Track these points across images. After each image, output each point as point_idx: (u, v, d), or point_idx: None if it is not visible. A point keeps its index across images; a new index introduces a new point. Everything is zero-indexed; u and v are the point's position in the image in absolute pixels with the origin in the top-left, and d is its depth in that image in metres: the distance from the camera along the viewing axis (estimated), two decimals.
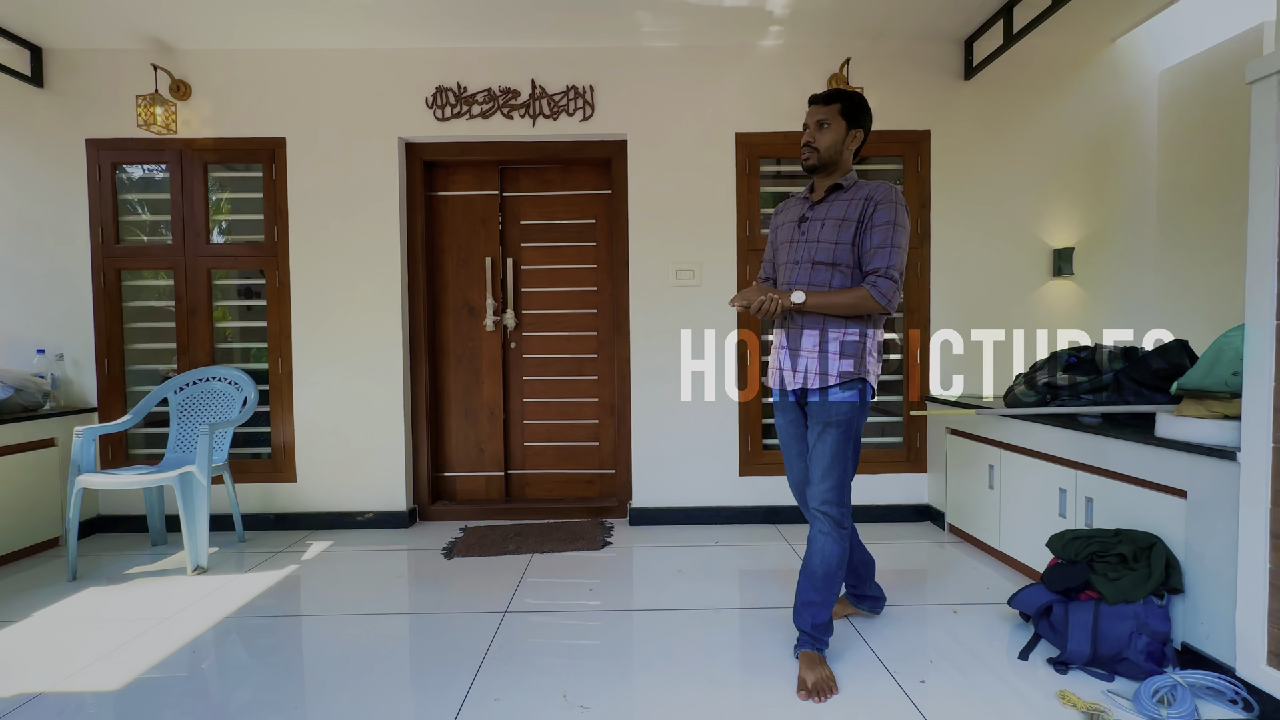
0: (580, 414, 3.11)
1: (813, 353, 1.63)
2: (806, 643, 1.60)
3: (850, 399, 1.60)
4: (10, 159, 2.81)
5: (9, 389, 2.57)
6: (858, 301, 1.57)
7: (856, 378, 1.60)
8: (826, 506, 1.59)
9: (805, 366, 1.64)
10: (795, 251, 1.69)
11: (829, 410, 1.60)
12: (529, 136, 2.89)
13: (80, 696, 1.53)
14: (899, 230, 1.57)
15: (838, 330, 1.61)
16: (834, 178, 1.67)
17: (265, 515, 2.87)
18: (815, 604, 1.60)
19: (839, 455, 1.60)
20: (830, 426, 1.60)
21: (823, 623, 1.60)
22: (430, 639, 1.82)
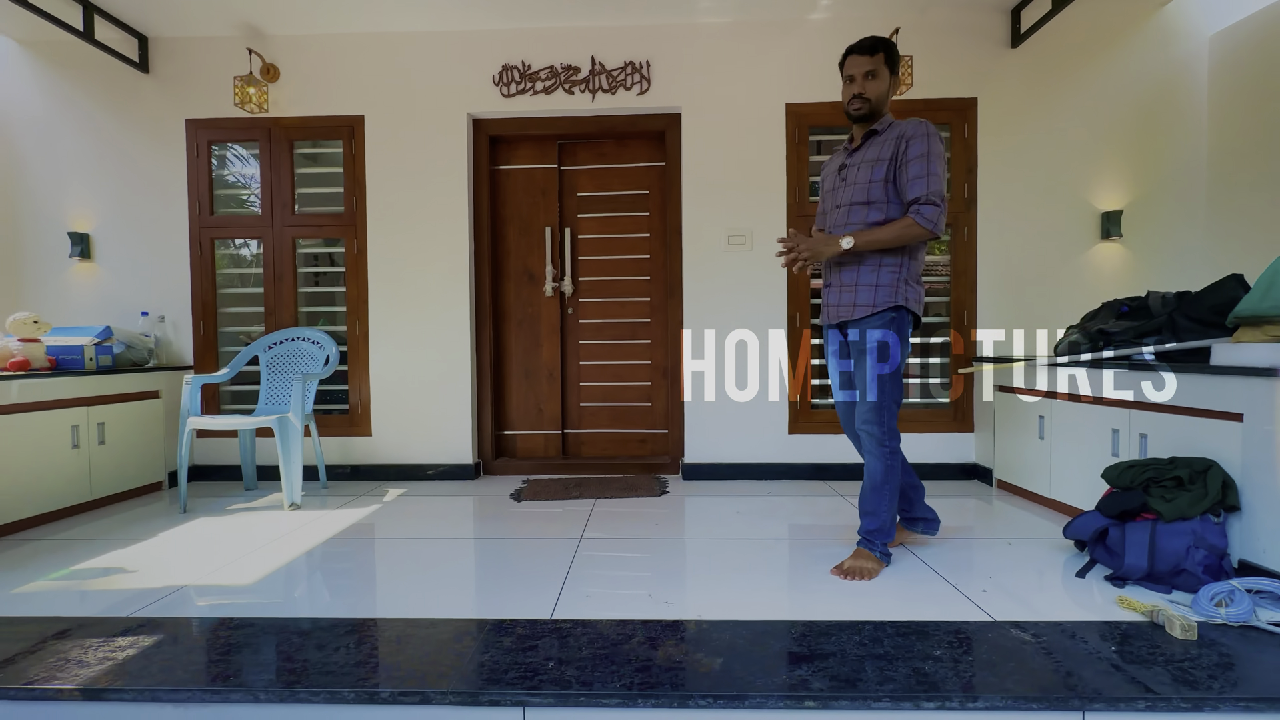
0: (634, 376, 3.26)
1: (851, 286, 1.77)
2: (860, 543, 1.82)
3: (884, 327, 1.73)
4: (119, 139, 3.09)
5: (121, 345, 2.84)
6: (903, 231, 1.69)
7: (892, 306, 1.73)
8: (867, 426, 1.77)
9: (844, 300, 1.79)
10: (836, 197, 1.84)
11: (865, 338, 1.75)
12: (588, 111, 3.05)
13: (220, 588, 1.73)
14: (934, 159, 1.68)
15: (873, 263, 1.74)
16: (872, 125, 1.80)
17: (342, 466, 3.09)
18: (868, 513, 1.81)
19: (875, 380, 1.74)
20: (865, 354, 1.75)
21: (874, 529, 1.79)
22: (517, 555, 1.98)
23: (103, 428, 2.61)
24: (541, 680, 1.21)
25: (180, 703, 1.21)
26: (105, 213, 3.10)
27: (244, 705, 1.20)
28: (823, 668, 1.25)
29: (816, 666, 1.26)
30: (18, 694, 1.22)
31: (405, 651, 1.33)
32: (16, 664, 1.30)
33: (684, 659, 1.29)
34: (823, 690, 1.17)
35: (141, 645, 1.38)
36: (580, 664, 1.28)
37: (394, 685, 1.20)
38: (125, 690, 1.21)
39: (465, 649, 1.34)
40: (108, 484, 2.64)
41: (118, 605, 1.60)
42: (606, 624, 1.46)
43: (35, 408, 2.34)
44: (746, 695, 1.16)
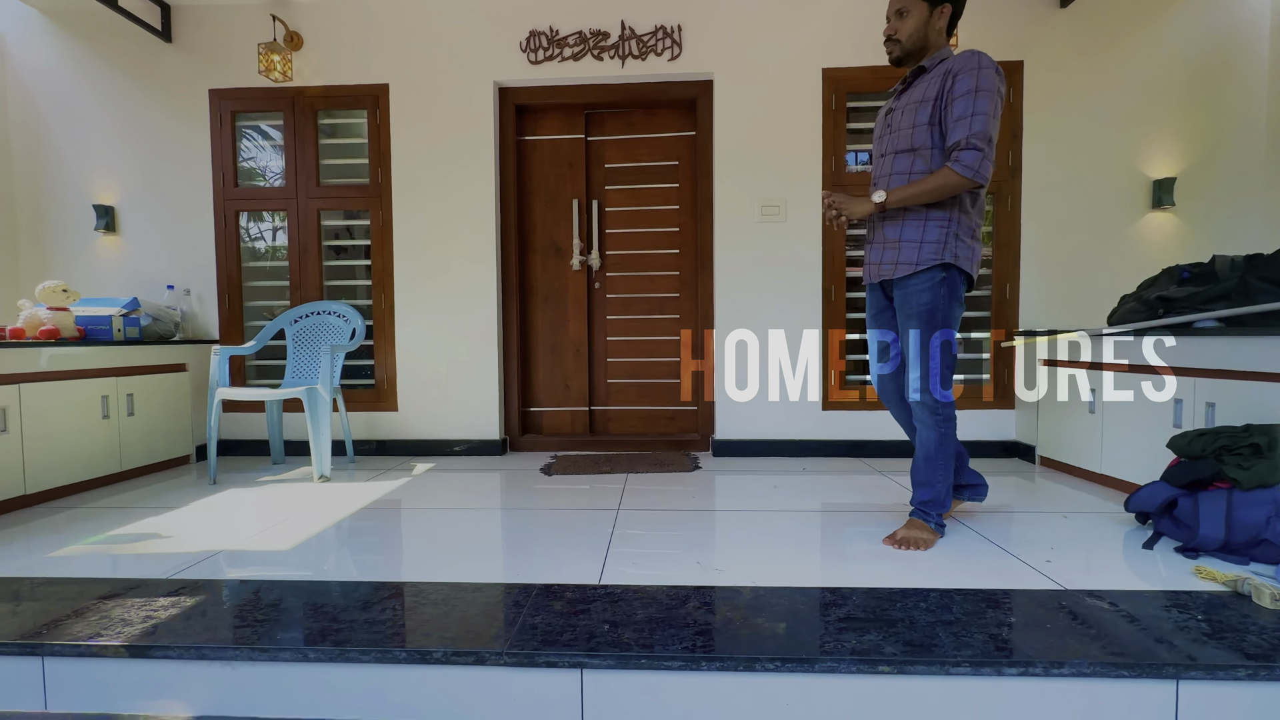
0: (662, 351, 3.19)
1: (894, 243, 1.63)
2: (913, 513, 1.74)
3: (932, 287, 1.59)
4: (142, 110, 3.05)
5: (148, 317, 2.81)
6: (941, 184, 1.52)
7: (940, 264, 1.58)
8: (916, 394, 1.67)
9: (887, 258, 1.65)
10: (882, 145, 1.71)
11: (911, 299, 1.62)
12: (617, 78, 2.97)
13: (257, 553, 1.69)
14: (982, 96, 1.48)
15: (919, 218, 1.59)
16: (920, 61, 1.63)
17: (369, 441, 3.06)
18: (921, 484, 1.73)
19: (925, 345, 1.62)
20: (913, 317, 1.62)
21: (929, 500, 1.71)
22: (555, 525, 1.93)
23: (131, 399, 2.59)
24: (598, 643, 1.16)
25: (228, 660, 1.17)
26: (130, 185, 3.07)
27: (293, 665, 1.16)
28: (892, 633, 1.19)
29: (886, 632, 1.19)
30: (64, 650, 1.18)
31: (452, 614, 1.29)
32: (60, 623, 1.27)
33: (744, 624, 1.23)
34: (896, 655, 1.11)
35: (184, 606, 1.34)
36: (636, 627, 1.22)
37: (445, 646, 1.15)
38: (171, 648, 1.17)
39: (514, 612, 1.30)
40: (137, 455, 2.62)
41: (156, 569, 1.57)
42: (658, 589, 1.41)
43: (66, 376, 2.32)
44: (816, 659, 1.11)
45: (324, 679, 1.16)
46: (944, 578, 1.47)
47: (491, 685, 1.14)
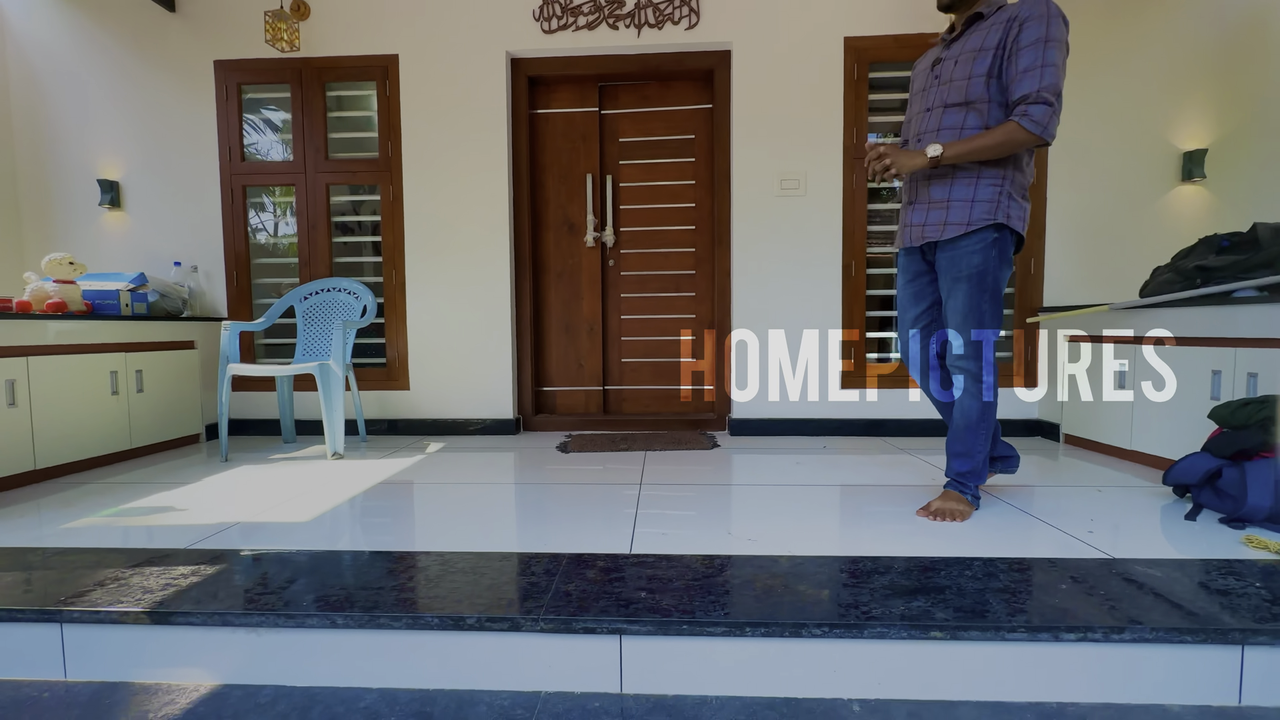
0: (677, 330, 3.13)
1: (942, 203, 1.54)
2: (949, 484, 1.69)
3: (984, 249, 1.50)
4: (145, 81, 2.98)
5: (155, 294, 2.76)
6: (1006, 139, 1.42)
7: (992, 224, 1.49)
8: (962, 363, 1.60)
9: (933, 218, 1.55)
10: (927, 98, 1.57)
11: (960, 262, 1.52)
12: (633, 48, 2.89)
13: (275, 524, 1.65)
14: (1052, 47, 1.39)
15: (969, 175, 1.49)
16: (976, 7, 1.52)
17: (380, 421, 3.02)
18: (959, 454, 1.66)
19: (973, 310, 1.55)
20: (961, 281, 1.53)
21: (966, 470, 1.65)
22: (578, 499, 1.89)
23: (140, 375, 2.54)
24: (637, 609, 1.12)
25: (253, 627, 1.13)
26: (134, 159, 3.01)
27: (320, 632, 1.12)
28: (940, 600, 1.15)
29: (934, 599, 1.15)
30: (83, 617, 1.15)
31: (482, 581, 1.25)
32: (79, 591, 1.23)
33: (785, 590, 1.19)
34: (948, 620, 1.07)
35: (205, 574, 1.30)
36: (675, 594, 1.18)
37: (478, 612, 1.11)
38: (194, 614, 1.13)
39: (545, 580, 1.26)
40: (147, 433, 2.58)
41: (174, 539, 1.53)
42: (692, 558, 1.37)
43: (74, 350, 2.27)
44: (865, 624, 1.06)
45: (352, 646, 1.12)
46: (985, 547, 1.42)
47: (527, 652, 1.10)
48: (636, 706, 1.05)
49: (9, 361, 2.04)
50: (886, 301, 3.00)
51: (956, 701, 1.05)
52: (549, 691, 1.10)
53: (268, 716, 1.04)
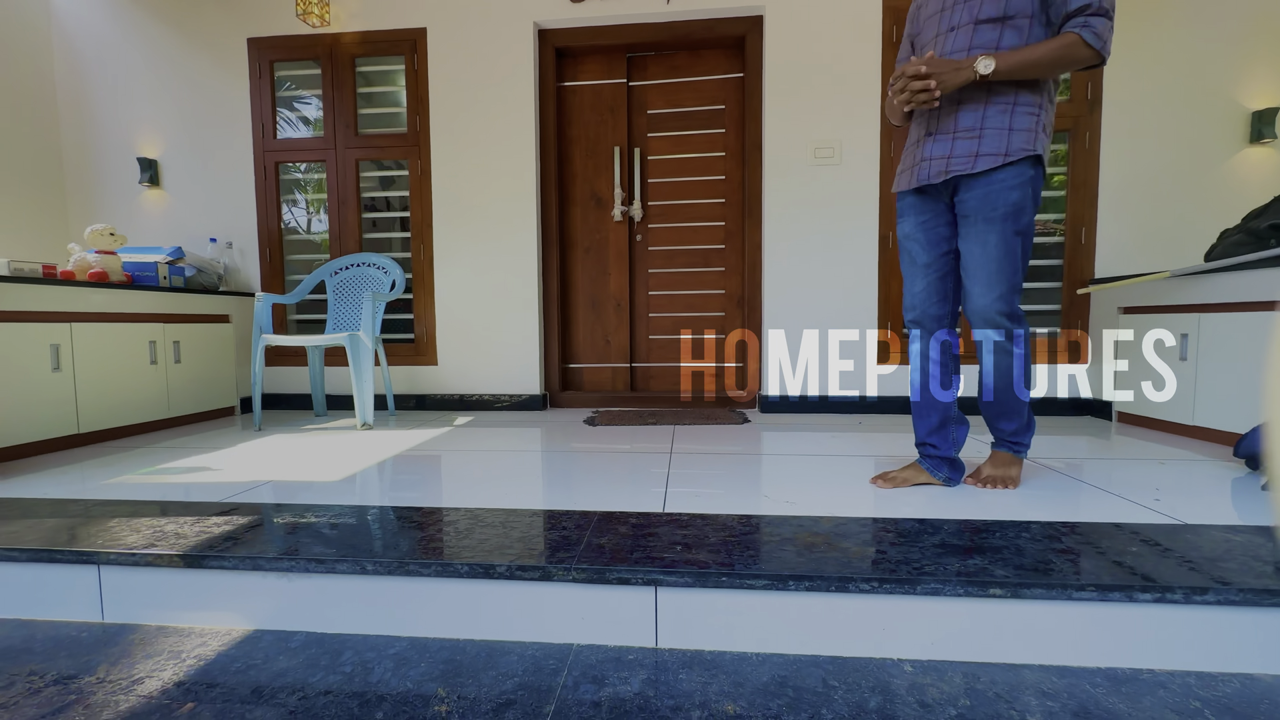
0: (706, 306, 3.07)
1: (973, 132, 1.34)
2: (998, 445, 1.54)
3: (1022, 184, 1.33)
4: (182, 61, 3.03)
5: (192, 268, 2.81)
6: (1064, 53, 1.26)
7: (1031, 156, 1.32)
8: (992, 314, 1.39)
9: (961, 150, 1.35)
10: (950, 17, 1.38)
11: (995, 199, 1.33)
12: (662, 15, 2.83)
13: (306, 483, 1.65)
14: None
15: (1005, 101, 1.32)
16: None
17: (408, 396, 3.03)
18: (1000, 415, 1.50)
19: (1009, 255, 1.35)
20: (994, 222, 1.34)
21: (1016, 428, 1.50)
22: (608, 464, 1.84)
23: (178, 346, 2.59)
24: (673, 560, 1.07)
25: (284, 572, 1.12)
26: (172, 138, 3.06)
27: (351, 577, 1.10)
28: (999, 558, 1.07)
29: (990, 558, 1.08)
30: (119, 559, 1.15)
31: (512, 534, 1.21)
32: (116, 537, 1.23)
33: (829, 548, 1.13)
34: (1008, 578, 0.99)
35: (236, 523, 1.30)
36: (712, 549, 1.13)
37: (509, 560, 1.08)
38: (226, 557, 1.13)
39: (577, 534, 1.22)
40: (184, 403, 2.63)
41: (208, 495, 1.54)
42: (729, 517, 1.32)
43: (114, 318, 2.32)
44: (918, 580, 1.00)
45: (382, 593, 1.10)
46: (1042, 512, 1.34)
47: (559, 602, 1.06)
48: (673, 661, 1.01)
49: (54, 327, 2.09)
50: None
51: (1019, 664, 0.98)
52: (581, 644, 1.06)
53: (299, 661, 1.02)
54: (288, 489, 1.59)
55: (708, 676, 0.96)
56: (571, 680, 0.95)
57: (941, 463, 1.54)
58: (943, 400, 1.53)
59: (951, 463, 1.55)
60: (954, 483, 1.55)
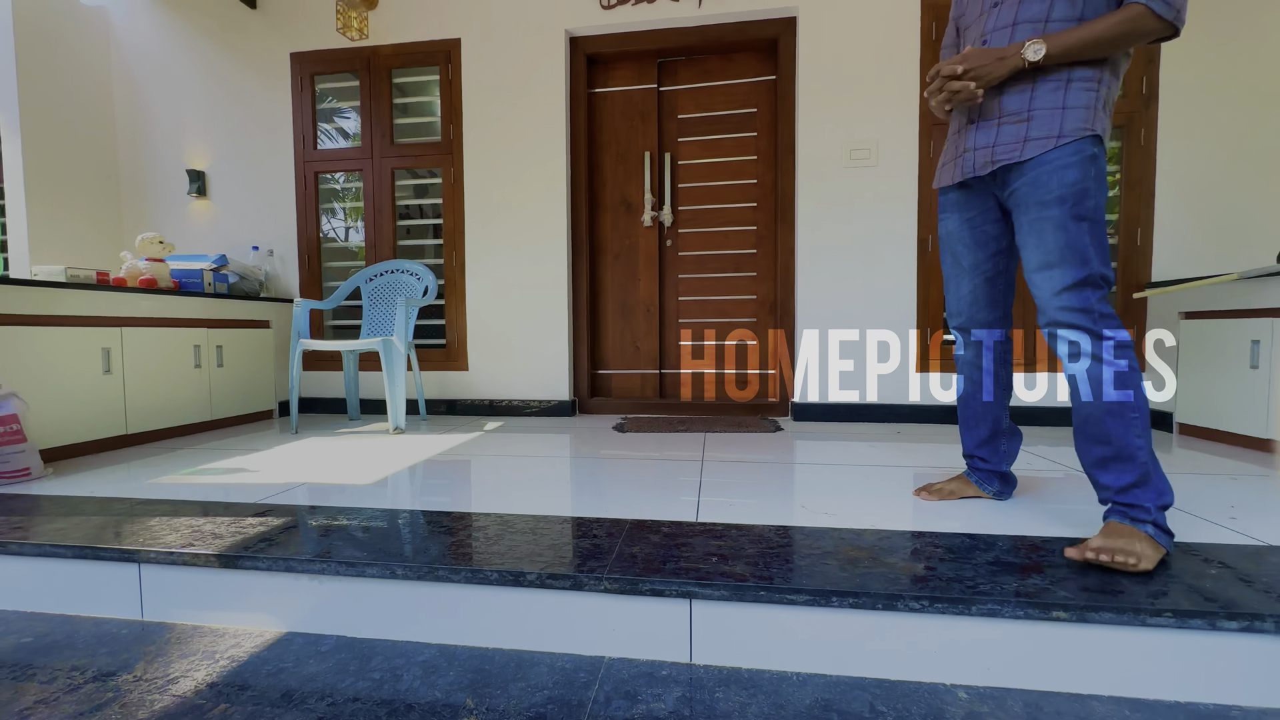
0: (738, 311, 3.02)
1: (1020, 116, 1.19)
2: (1111, 512, 1.13)
3: (1081, 162, 1.14)
4: (231, 76, 3.15)
5: (235, 275, 2.90)
6: (1129, 27, 1.09)
7: (1090, 135, 1.14)
8: (1064, 315, 1.13)
9: (1008, 135, 1.20)
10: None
11: (1046, 181, 1.16)
12: (693, 19, 2.81)
13: (340, 485, 1.66)
14: None
15: (1058, 80, 1.16)
16: None
17: (439, 401, 3.05)
18: (1108, 460, 1.12)
19: (1071, 243, 1.13)
20: (1051, 206, 1.15)
21: (1134, 481, 1.09)
22: (639, 472, 1.81)
23: (221, 351, 2.67)
24: (709, 572, 1.03)
25: (315, 574, 1.11)
26: (219, 150, 3.18)
27: (380, 581, 1.09)
28: (1060, 578, 1.00)
29: (1051, 577, 1.00)
30: (159, 558, 1.16)
31: (542, 541, 1.19)
32: (156, 535, 1.26)
33: (873, 562, 1.07)
34: (1072, 600, 0.92)
35: (271, 525, 1.31)
36: (749, 560, 1.08)
37: (540, 568, 1.05)
38: (260, 558, 1.13)
39: (608, 542, 1.18)
40: (226, 406, 2.71)
41: (245, 496, 1.56)
42: (765, 528, 1.26)
43: (162, 324, 2.40)
44: (972, 600, 0.93)
45: (411, 598, 1.08)
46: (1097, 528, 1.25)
47: (590, 613, 1.03)
48: (709, 678, 0.96)
49: (106, 331, 2.17)
50: None
51: (1087, 695, 0.90)
52: (613, 657, 1.02)
53: (329, 665, 1.01)
54: (321, 491, 1.60)
55: (746, 697, 0.91)
56: (603, 695, 0.92)
57: (991, 476, 1.44)
58: (992, 410, 1.41)
59: (1003, 476, 1.45)
60: (1005, 497, 1.45)
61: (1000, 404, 1.41)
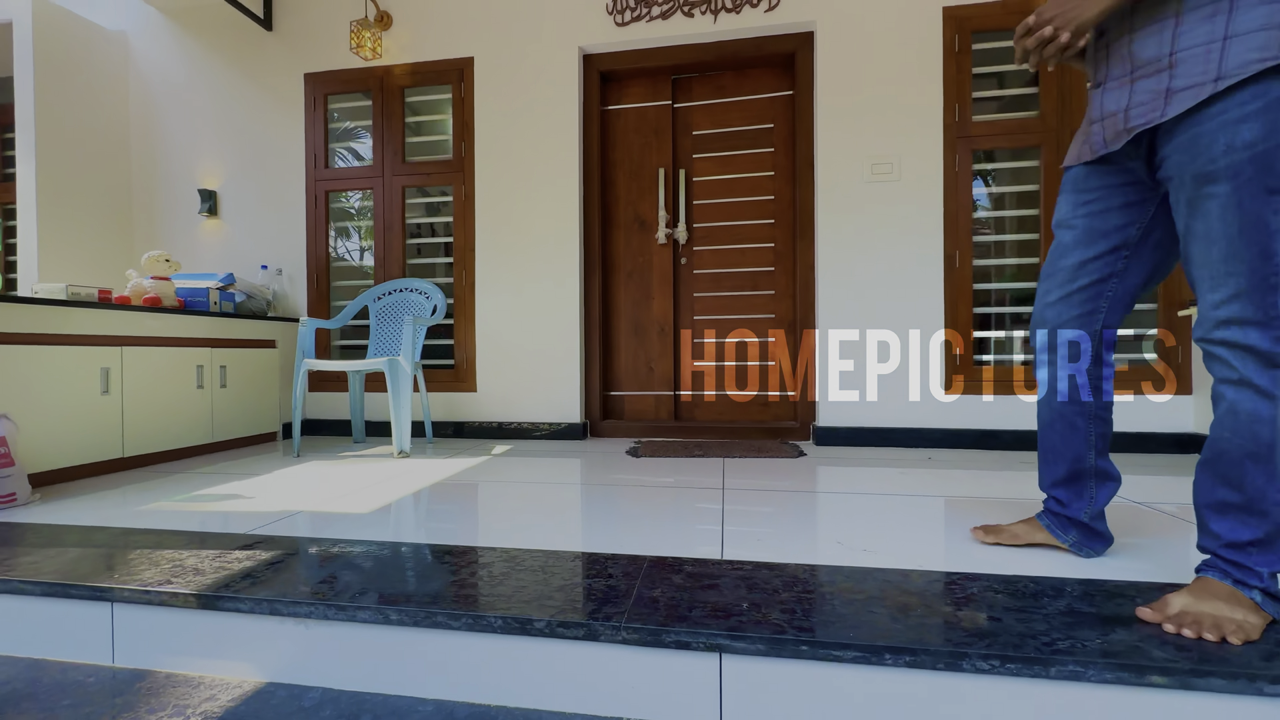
0: (756, 331, 2.91)
1: (1159, 63, 0.92)
2: (1209, 566, 0.94)
3: (1261, 110, 0.84)
4: (244, 97, 3.16)
5: (242, 295, 2.85)
6: None
7: (1274, 66, 0.84)
8: (1231, 332, 0.89)
9: (1148, 87, 0.94)
10: None
11: (1208, 144, 0.88)
12: (709, 35, 2.77)
13: (336, 514, 1.56)
14: None
15: (1203, 6, 0.89)
16: None
17: (447, 424, 2.96)
18: (1230, 506, 0.91)
19: (1247, 230, 0.86)
20: (1218, 178, 0.88)
21: (1251, 540, 0.89)
22: (656, 501, 1.69)
23: (224, 371, 2.60)
24: (741, 622, 0.91)
25: (300, 618, 1.00)
26: (231, 170, 3.17)
27: (371, 627, 0.98)
28: (1150, 635, 0.86)
29: (1139, 632, 0.87)
30: (133, 597, 1.06)
31: (552, 581, 1.07)
32: (134, 570, 1.16)
33: (926, 610, 0.94)
34: (1172, 662, 0.79)
35: (259, 559, 1.21)
36: (784, 607, 0.96)
37: (550, 615, 0.93)
38: (242, 599, 1.02)
39: (625, 583, 1.06)
40: (228, 428, 2.63)
41: (234, 525, 1.46)
42: (798, 567, 1.14)
43: (164, 343, 2.34)
44: (1050, 660, 0.80)
45: (406, 646, 0.97)
46: (1182, 570, 1.11)
47: (606, 667, 0.91)
48: None
49: (104, 350, 2.11)
50: (999, 297, 2.66)
51: None
52: (631, 719, 0.90)
53: None
54: (315, 521, 1.50)
55: None
56: None
57: (1068, 524, 1.18)
58: (1075, 447, 1.15)
59: (1084, 527, 1.17)
60: (1089, 552, 1.17)
61: (1086, 440, 1.15)
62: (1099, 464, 1.15)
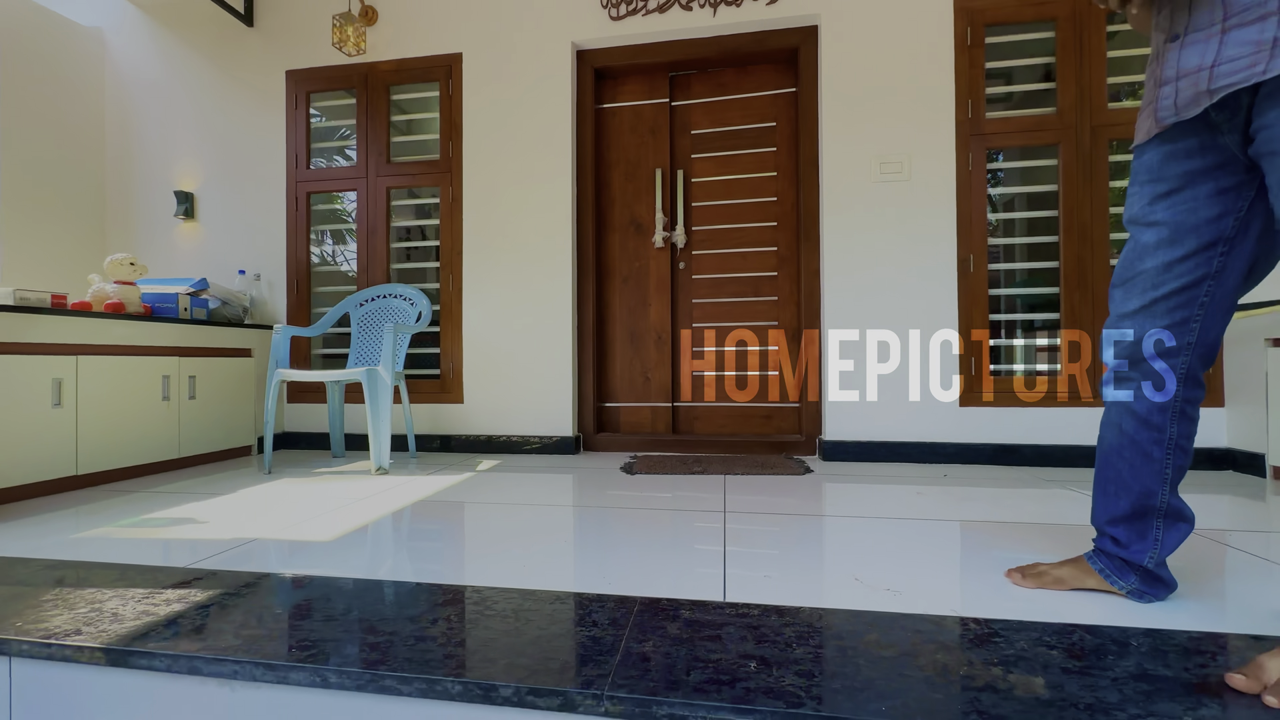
0: (758, 340, 2.76)
1: (1259, 10, 0.77)
2: None
3: None
4: (224, 95, 3.03)
5: (217, 301, 2.71)
6: None
7: None
8: None
9: (1235, 45, 0.79)
10: None
11: None
12: (708, 30, 2.65)
13: (295, 543, 1.40)
14: None
15: None
16: None
17: (431, 437, 2.80)
18: None
19: None
20: None
21: None
22: (651, 527, 1.53)
23: (194, 381, 2.45)
24: (749, 691, 0.75)
25: (225, 679, 0.85)
26: (209, 171, 3.03)
27: (308, 691, 0.82)
28: (1238, 699, 0.71)
29: (1226, 700, 0.71)
30: (34, 651, 0.90)
31: (526, 632, 0.92)
32: (44, 615, 1.00)
33: (970, 672, 0.79)
34: None
35: (192, 600, 1.05)
36: (800, 667, 0.80)
37: (517, 681, 0.78)
38: (158, 655, 0.86)
39: (611, 634, 0.91)
40: (196, 442, 2.47)
41: (178, 556, 1.31)
42: (812, 612, 0.98)
43: (126, 351, 2.19)
44: None
45: (346, 714, 0.81)
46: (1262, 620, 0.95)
47: None
48: None
49: (57, 360, 1.95)
50: (1011, 303, 2.52)
51: None
52: None
53: None
54: (270, 551, 1.34)
55: None
56: None
57: (1126, 568, 1.01)
58: (1144, 480, 0.98)
59: (1146, 573, 1.00)
60: (1149, 599, 1.01)
61: (1161, 473, 0.97)
62: (1172, 501, 0.98)
